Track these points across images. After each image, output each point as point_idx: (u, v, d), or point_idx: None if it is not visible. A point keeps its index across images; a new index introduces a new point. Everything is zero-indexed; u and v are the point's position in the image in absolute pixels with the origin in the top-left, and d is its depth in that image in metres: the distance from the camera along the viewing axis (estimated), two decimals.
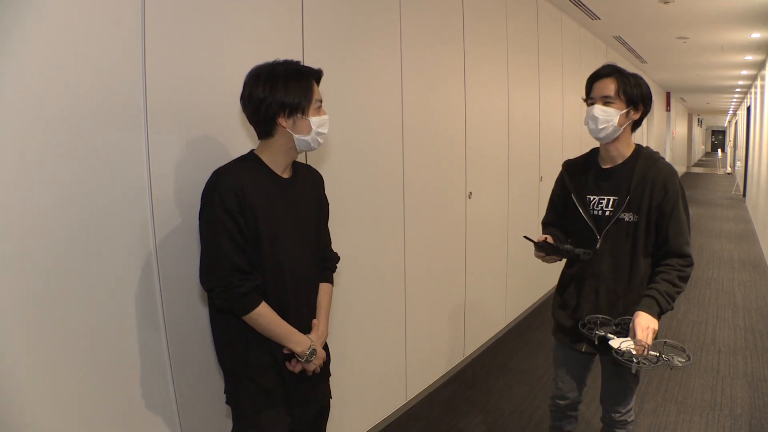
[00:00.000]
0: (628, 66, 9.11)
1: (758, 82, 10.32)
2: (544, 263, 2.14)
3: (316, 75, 1.74)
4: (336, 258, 1.99)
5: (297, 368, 1.75)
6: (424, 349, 3.37)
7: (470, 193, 3.81)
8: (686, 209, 1.96)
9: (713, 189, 15.73)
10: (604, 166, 2.05)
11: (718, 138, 43.28)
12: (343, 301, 2.67)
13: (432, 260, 3.41)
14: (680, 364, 1.69)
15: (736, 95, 15.97)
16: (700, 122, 31.31)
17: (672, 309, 1.90)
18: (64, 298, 1.55)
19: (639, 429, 3.00)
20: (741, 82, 12.30)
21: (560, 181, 2.19)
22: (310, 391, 1.84)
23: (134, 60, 1.71)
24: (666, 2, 5.20)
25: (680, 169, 19.63)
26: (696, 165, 26.39)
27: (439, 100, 3.42)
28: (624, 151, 2.02)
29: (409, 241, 3.15)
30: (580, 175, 2.10)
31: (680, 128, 19.37)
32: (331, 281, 1.96)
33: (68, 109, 1.54)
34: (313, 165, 2.42)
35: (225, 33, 2.02)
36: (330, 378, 1.95)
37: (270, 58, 1.75)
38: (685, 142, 21.68)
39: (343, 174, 2.63)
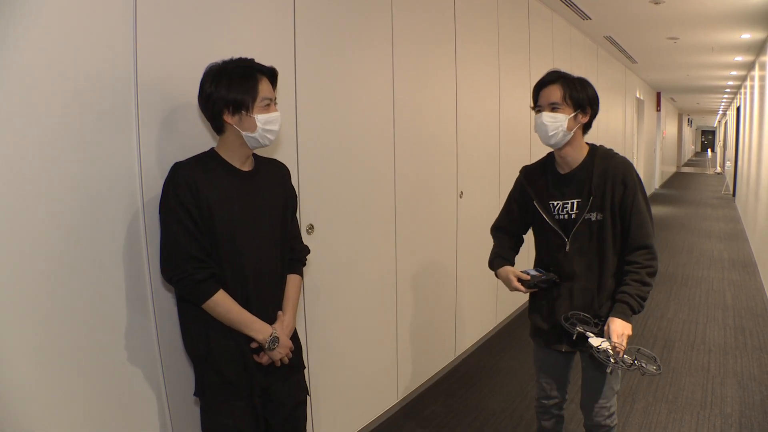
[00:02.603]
0: (619, 66, 9.18)
1: (748, 83, 10.39)
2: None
3: (268, 73, 1.74)
4: (305, 250, 1.99)
5: (264, 359, 1.77)
6: (415, 349, 3.36)
7: (461, 192, 3.80)
8: (646, 201, 2.00)
9: (703, 189, 15.84)
10: (562, 172, 2.07)
11: (707, 138, 43.61)
12: (334, 301, 2.65)
13: (423, 260, 3.40)
14: (653, 372, 1.73)
15: (726, 95, 16.09)
16: (690, 122, 31.52)
17: (644, 309, 1.94)
18: (57, 290, 1.56)
19: (630, 428, 3.01)
20: (731, 83, 12.39)
21: (519, 187, 2.21)
22: (280, 384, 1.85)
23: (126, 57, 1.72)
24: (657, 3, 5.21)
25: (670, 169, 19.77)
26: (686, 165, 26.58)
27: (431, 99, 3.41)
28: (578, 155, 2.04)
29: (400, 240, 3.13)
30: (539, 181, 2.12)
31: (670, 128, 19.49)
32: (299, 273, 1.95)
33: (59, 104, 1.55)
34: (304, 164, 2.41)
35: (217, 30, 2.01)
36: (306, 371, 1.96)
37: (262, 55, 1.76)
38: (675, 141, 21.82)
39: (334, 173, 2.62)
